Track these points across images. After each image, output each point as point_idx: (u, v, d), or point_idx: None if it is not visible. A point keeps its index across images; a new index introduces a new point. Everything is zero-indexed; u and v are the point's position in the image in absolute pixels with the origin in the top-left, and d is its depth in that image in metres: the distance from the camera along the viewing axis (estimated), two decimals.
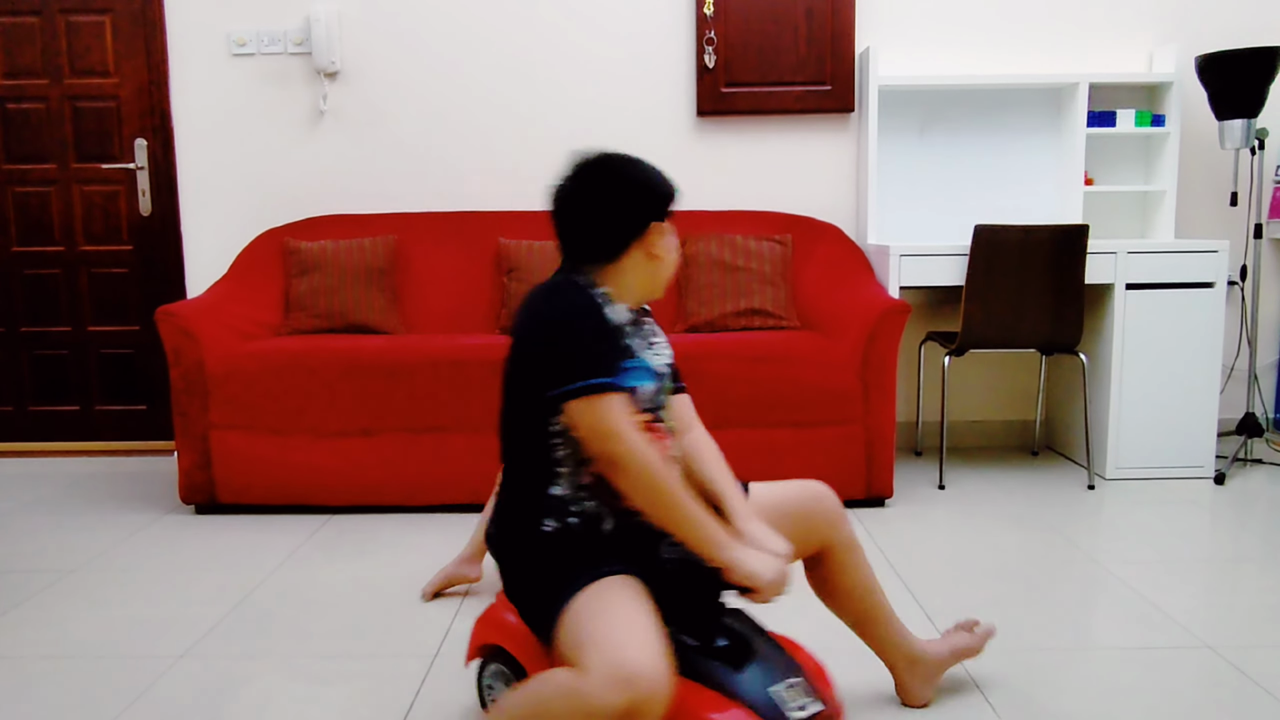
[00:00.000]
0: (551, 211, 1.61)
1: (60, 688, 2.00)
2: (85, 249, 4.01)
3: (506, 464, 1.61)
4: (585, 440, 1.46)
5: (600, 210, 1.56)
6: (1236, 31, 3.81)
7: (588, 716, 1.30)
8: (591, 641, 1.36)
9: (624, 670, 1.30)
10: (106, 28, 3.88)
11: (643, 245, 1.59)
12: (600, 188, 1.56)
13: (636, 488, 1.45)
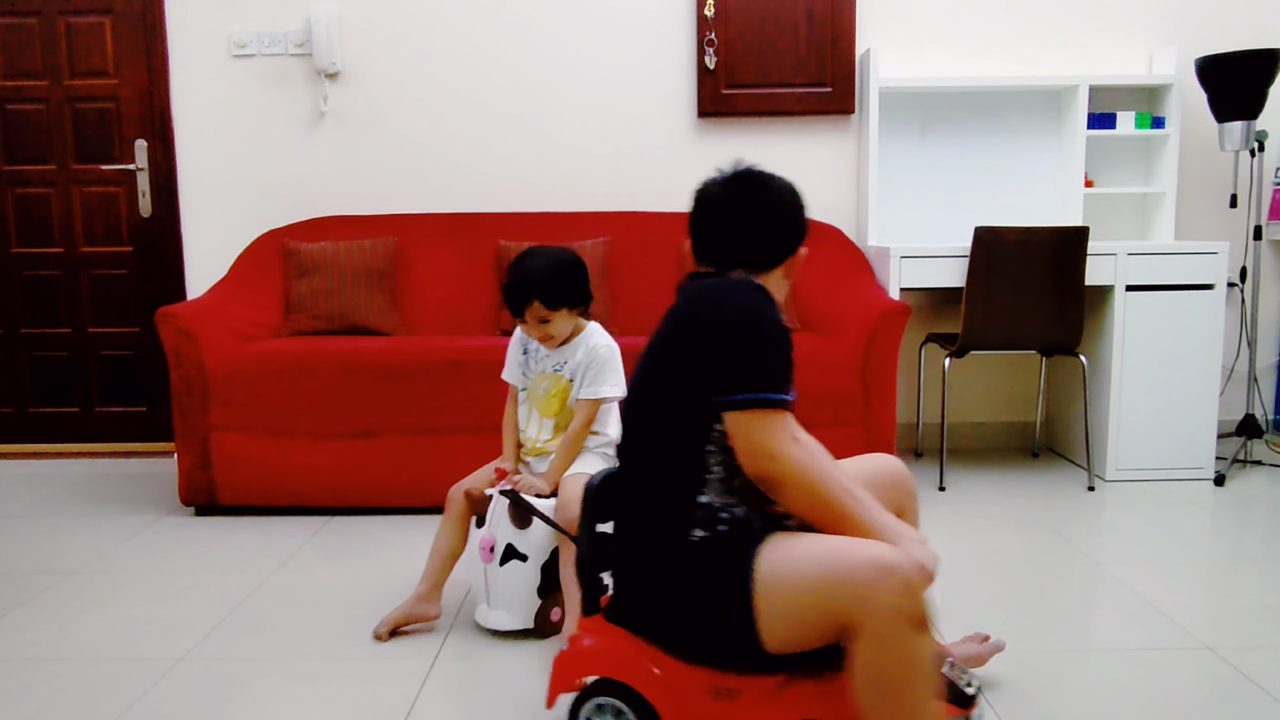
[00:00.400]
0: (714, 212, 1.60)
1: (60, 690, 2.00)
2: (85, 250, 4.01)
3: (637, 470, 1.52)
4: (743, 454, 1.40)
5: (775, 221, 1.58)
6: (1236, 33, 3.81)
7: (906, 622, 1.31)
8: (823, 585, 1.34)
9: (880, 565, 1.32)
10: (106, 29, 3.88)
11: (791, 263, 1.61)
12: (778, 199, 1.59)
13: (798, 504, 1.41)
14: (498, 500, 2.21)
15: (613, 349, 2.28)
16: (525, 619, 2.21)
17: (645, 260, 3.72)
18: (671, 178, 3.90)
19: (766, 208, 1.58)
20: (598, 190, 3.91)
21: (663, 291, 3.67)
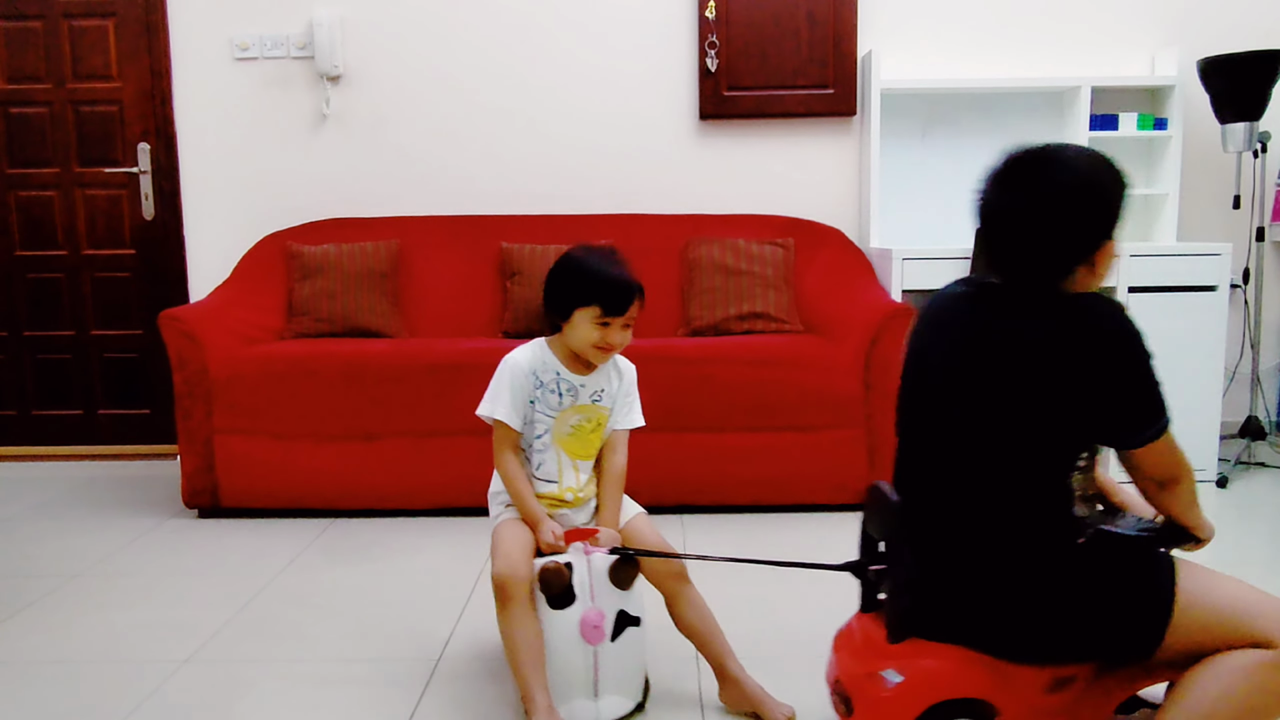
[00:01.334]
0: (1009, 219, 1.46)
1: (65, 692, 2.00)
2: (88, 253, 4.01)
3: (987, 508, 1.46)
4: (1150, 469, 1.53)
5: (1065, 218, 1.42)
6: (1238, 35, 3.81)
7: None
8: (1252, 603, 1.46)
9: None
10: (109, 32, 3.89)
11: (1098, 258, 1.45)
12: (1063, 190, 1.43)
13: (1182, 499, 1.58)
14: (591, 567, 1.82)
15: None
16: (637, 693, 1.89)
17: (647, 262, 3.71)
18: (673, 180, 3.91)
19: (1052, 202, 1.41)
20: (599, 193, 3.91)
21: (663, 293, 3.67)
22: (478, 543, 2.89)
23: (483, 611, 2.38)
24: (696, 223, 3.75)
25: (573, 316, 1.86)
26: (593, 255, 1.93)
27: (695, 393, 3.08)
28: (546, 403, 1.91)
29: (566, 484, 1.93)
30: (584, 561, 1.81)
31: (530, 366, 1.90)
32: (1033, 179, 1.46)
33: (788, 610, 2.37)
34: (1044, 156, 1.47)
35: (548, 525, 1.85)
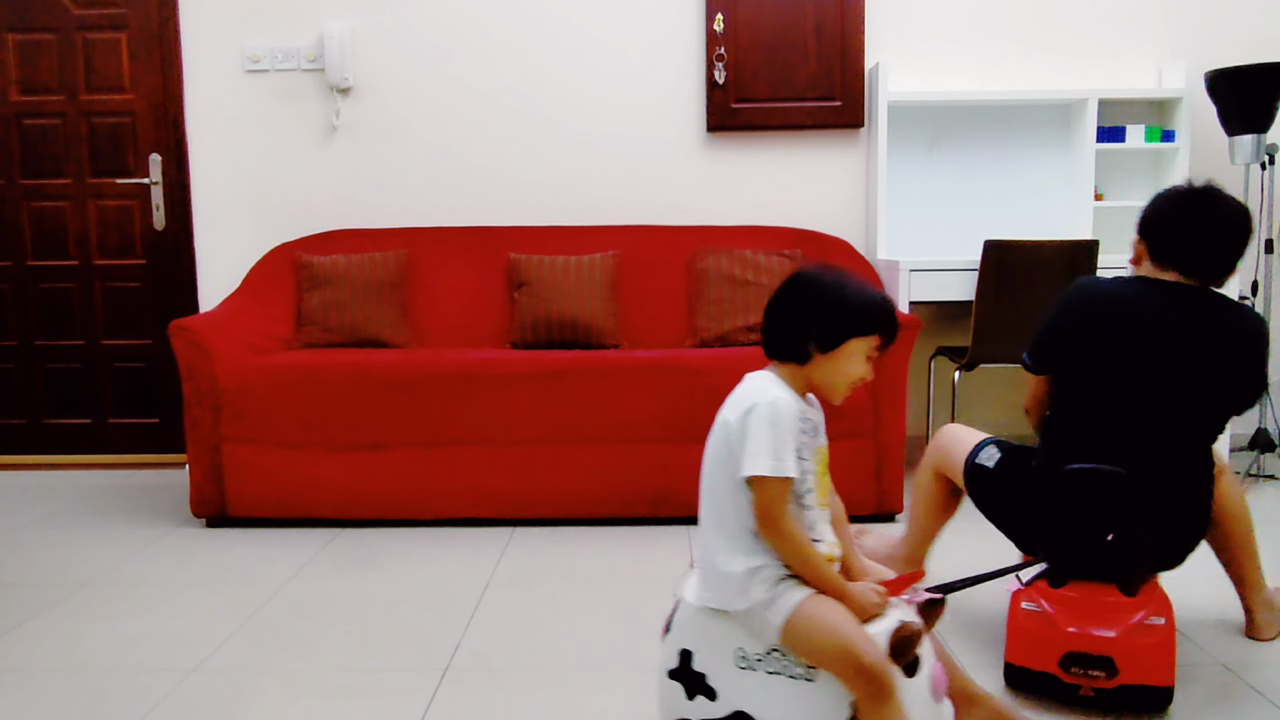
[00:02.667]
0: (1213, 235, 1.92)
1: (72, 701, 2.00)
2: (99, 263, 4.04)
3: (1197, 464, 1.95)
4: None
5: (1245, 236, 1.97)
6: (1246, 47, 3.81)
7: None
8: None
9: None
10: (122, 44, 3.92)
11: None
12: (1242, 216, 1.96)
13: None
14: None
15: None
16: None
17: (654, 274, 3.73)
18: (681, 191, 3.92)
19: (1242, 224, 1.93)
20: (607, 204, 3.93)
21: (670, 304, 3.68)
22: (485, 553, 2.90)
23: (490, 622, 2.38)
24: (704, 234, 3.76)
25: (844, 347, 1.59)
26: (854, 279, 1.62)
27: (703, 404, 3.08)
28: (807, 448, 1.61)
29: (827, 539, 1.61)
30: (913, 614, 1.56)
31: (796, 406, 1.59)
32: (1225, 206, 1.93)
33: None
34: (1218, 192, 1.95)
35: (864, 588, 1.53)
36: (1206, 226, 1.91)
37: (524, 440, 3.11)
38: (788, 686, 1.48)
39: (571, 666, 2.13)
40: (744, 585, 1.50)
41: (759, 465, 1.50)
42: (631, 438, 3.10)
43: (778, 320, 1.62)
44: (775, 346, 1.63)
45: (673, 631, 1.59)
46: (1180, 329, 1.87)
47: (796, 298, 1.61)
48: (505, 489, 3.12)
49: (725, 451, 1.56)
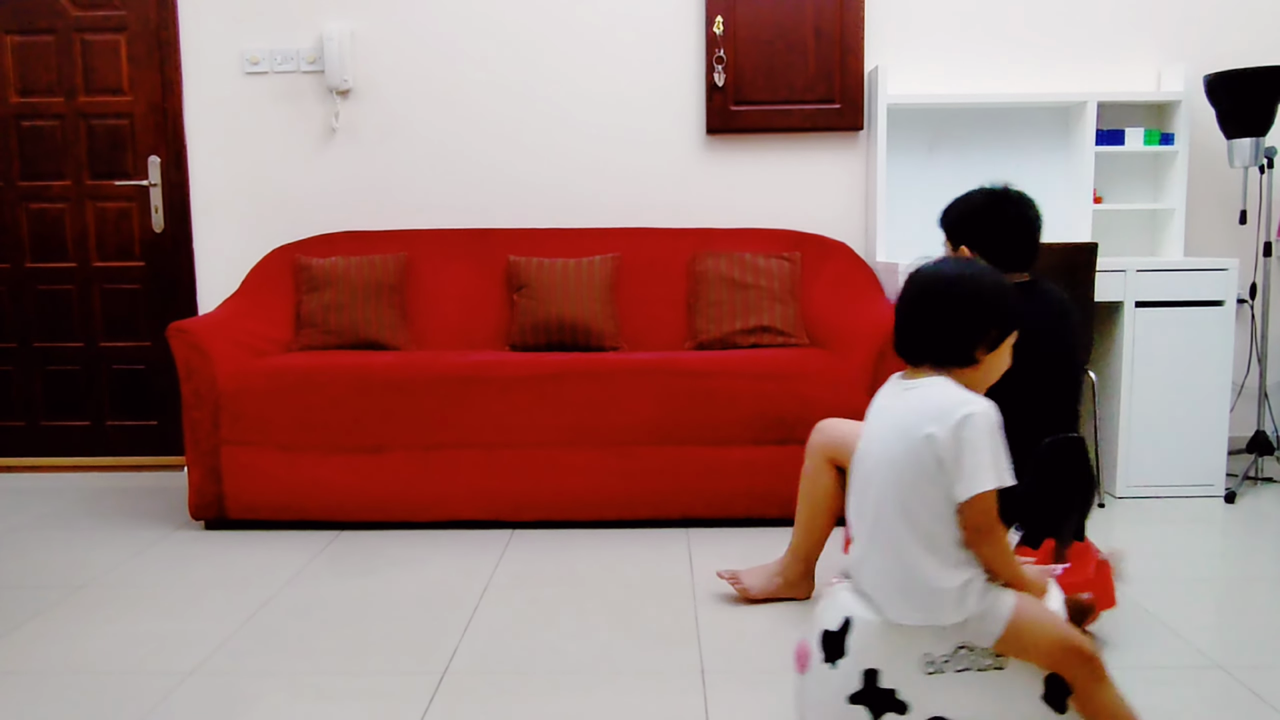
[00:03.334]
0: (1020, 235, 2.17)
1: (70, 703, 2.00)
2: (98, 265, 4.04)
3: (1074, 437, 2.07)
4: None
5: None
6: (1245, 50, 3.82)
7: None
8: None
9: None
10: (121, 46, 3.92)
11: None
12: None
13: None
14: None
15: None
16: None
17: (653, 277, 3.73)
18: (680, 194, 3.92)
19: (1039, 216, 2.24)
20: (607, 206, 3.93)
21: (669, 306, 3.68)
22: (484, 556, 2.90)
23: (489, 625, 2.38)
24: (703, 236, 3.76)
25: (1004, 345, 1.58)
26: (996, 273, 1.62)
27: (701, 406, 3.09)
28: None
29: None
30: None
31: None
32: (1025, 206, 2.20)
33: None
34: (1016, 193, 2.20)
35: (1036, 572, 1.57)
36: (1020, 225, 2.17)
37: (523, 443, 3.11)
38: (980, 680, 1.49)
39: (570, 670, 2.13)
40: (960, 599, 1.47)
41: (987, 479, 1.45)
42: (631, 440, 3.10)
43: (943, 325, 1.56)
44: (940, 352, 1.56)
45: (850, 655, 1.52)
46: (1050, 313, 2.16)
47: (965, 302, 1.55)
48: (504, 491, 3.12)
49: (933, 468, 1.47)
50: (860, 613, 1.53)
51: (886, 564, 1.51)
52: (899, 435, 1.51)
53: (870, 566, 1.53)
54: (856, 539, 1.58)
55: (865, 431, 1.61)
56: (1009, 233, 2.17)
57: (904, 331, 1.60)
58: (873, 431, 1.59)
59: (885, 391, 1.63)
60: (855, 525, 1.59)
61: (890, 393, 1.61)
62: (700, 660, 2.17)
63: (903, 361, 1.61)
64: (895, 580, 1.50)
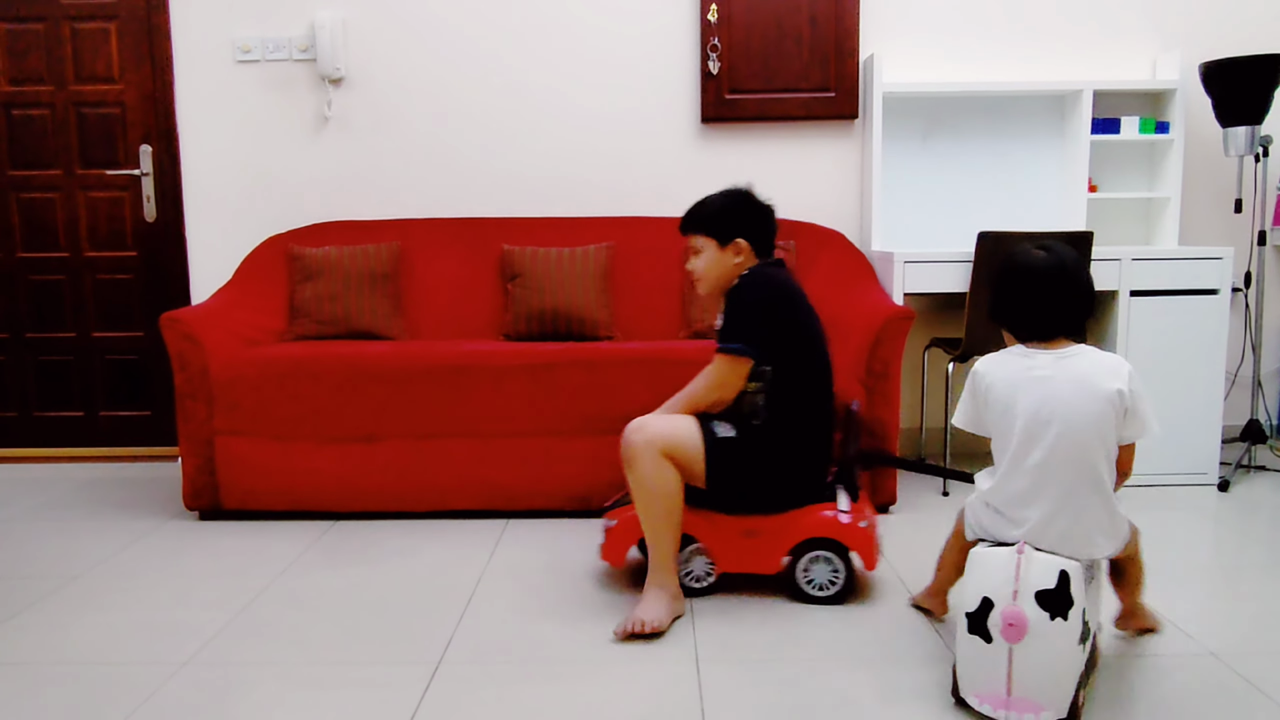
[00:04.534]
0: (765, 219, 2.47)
1: (64, 694, 2.00)
2: (90, 255, 4.02)
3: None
4: None
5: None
6: (1241, 39, 3.81)
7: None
8: None
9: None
10: (111, 34, 3.90)
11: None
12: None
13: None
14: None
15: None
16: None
17: (647, 265, 3.72)
18: (674, 183, 3.91)
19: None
20: (601, 195, 3.92)
21: (664, 295, 3.67)
22: (479, 546, 2.90)
23: (484, 614, 2.38)
24: None
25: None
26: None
27: None
28: None
29: None
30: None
31: None
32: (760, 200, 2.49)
33: None
34: (750, 192, 2.50)
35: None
36: (771, 218, 2.47)
37: (518, 432, 3.10)
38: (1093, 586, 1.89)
39: (565, 659, 2.13)
40: (1124, 525, 1.92)
41: (1154, 425, 1.87)
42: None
43: (1081, 302, 1.86)
44: (1077, 324, 1.87)
45: (1076, 603, 1.74)
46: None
47: (1088, 282, 1.87)
48: (499, 481, 3.12)
49: (1120, 418, 1.82)
50: (1068, 564, 1.75)
51: (1089, 510, 1.81)
52: (1090, 395, 1.79)
53: (1064, 518, 1.81)
54: (1039, 500, 1.82)
55: (1029, 403, 1.82)
56: (766, 228, 2.49)
57: (1041, 309, 1.85)
58: (1049, 398, 1.81)
59: (1031, 365, 1.85)
60: (1039, 488, 1.82)
61: (1042, 364, 1.84)
62: (694, 648, 2.17)
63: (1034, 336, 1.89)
64: (1100, 522, 1.83)
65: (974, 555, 1.85)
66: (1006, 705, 1.79)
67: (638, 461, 2.27)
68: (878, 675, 2.03)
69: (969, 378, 1.95)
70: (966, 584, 1.84)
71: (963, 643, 1.83)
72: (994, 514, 1.91)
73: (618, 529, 2.46)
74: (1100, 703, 1.90)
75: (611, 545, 2.47)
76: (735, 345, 2.30)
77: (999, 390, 1.87)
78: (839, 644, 2.19)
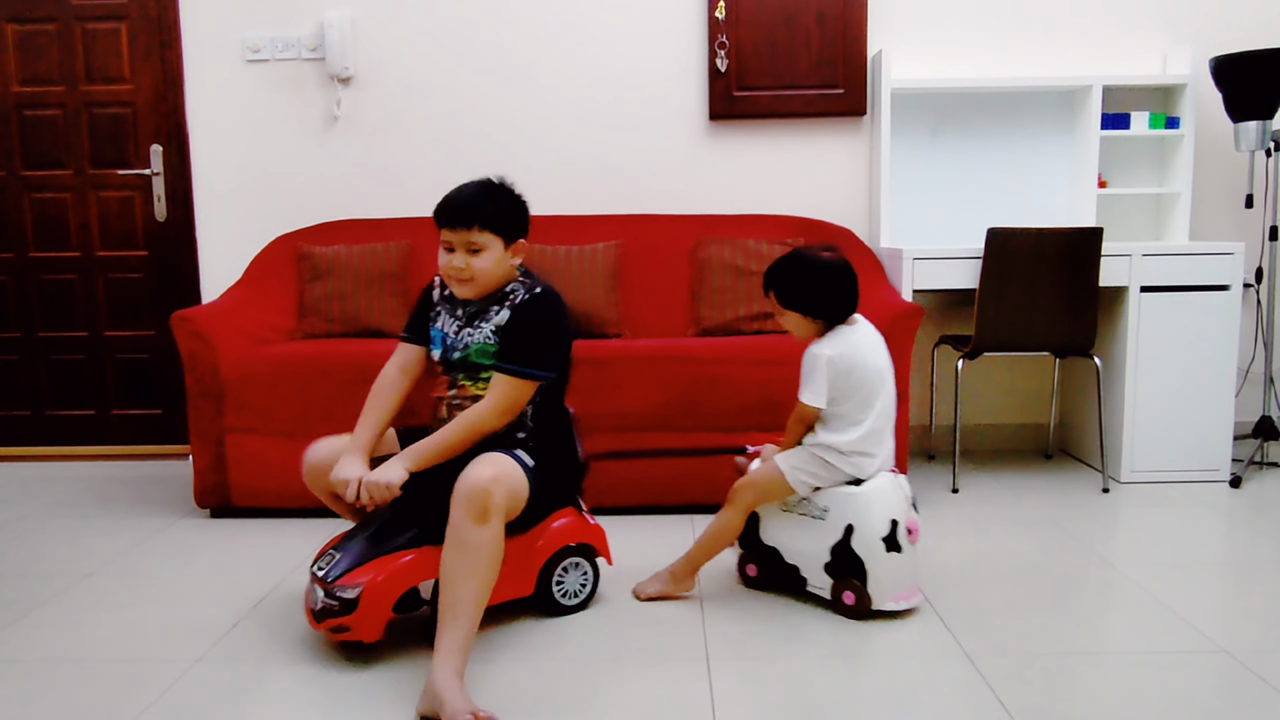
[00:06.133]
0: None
1: (76, 691, 2.01)
2: (101, 254, 4.04)
3: None
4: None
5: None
6: (1251, 33, 3.79)
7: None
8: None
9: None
10: (122, 35, 3.91)
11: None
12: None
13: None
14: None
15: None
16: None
17: (656, 263, 3.72)
18: (683, 180, 3.91)
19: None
20: (609, 193, 3.92)
21: (673, 293, 3.67)
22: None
23: (493, 612, 2.39)
24: (707, 223, 3.75)
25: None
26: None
27: (706, 393, 3.08)
28: None
29: None
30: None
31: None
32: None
33: None
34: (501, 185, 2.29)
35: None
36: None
37: None
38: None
39: (573, 655, 2.14)
40: None
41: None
42: (634, 427, 3.10)
43: (856, 288, 2.35)
44: (856, 306, 2.36)
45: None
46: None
47: (817, 281, 2.33)
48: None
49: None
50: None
51: (889, 440, 2.36)
52: (882, 352, 2.34)
53: (890, 445, 2.36)
54: (884, 437, 2.33)
55: (865, 356, 2.29)
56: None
57: (849, 296, 2.32)
58: (871, 355, 2.31)
59: (853, 339, 2.31)
60: (884, 427, 2.33)
61: (855, 336, 2.32)
62: (705, 646, 2.17)
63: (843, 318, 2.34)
64: (891, 449, 2.37)
65: (868, 492, 2.27)
66: (910, 595, 2.32)
67: (495, 518, 1.96)
68: (889, 673, 2.03)
69: (818, 362, 2.26)
70: (872, 515, 2.25)
71: (881, 563, 2.25)
72: (852, 457, 2.29)
73: (380, 588, 2.04)
74: (1112, 700, 1.89)
75: (371, 617, 2.05)
76: (531, 370, 2.11)
77: (841, 363, 2.26)
78: (850, 642, 2.19)
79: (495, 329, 2.16)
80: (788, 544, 2.40)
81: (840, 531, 2.28)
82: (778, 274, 2.34)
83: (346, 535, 2.16)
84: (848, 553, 2.27)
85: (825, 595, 2.36)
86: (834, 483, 2.32)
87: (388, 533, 2.12)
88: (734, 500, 2.40)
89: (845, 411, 2.29)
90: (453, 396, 2.22)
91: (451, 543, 1.93)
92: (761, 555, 2.47)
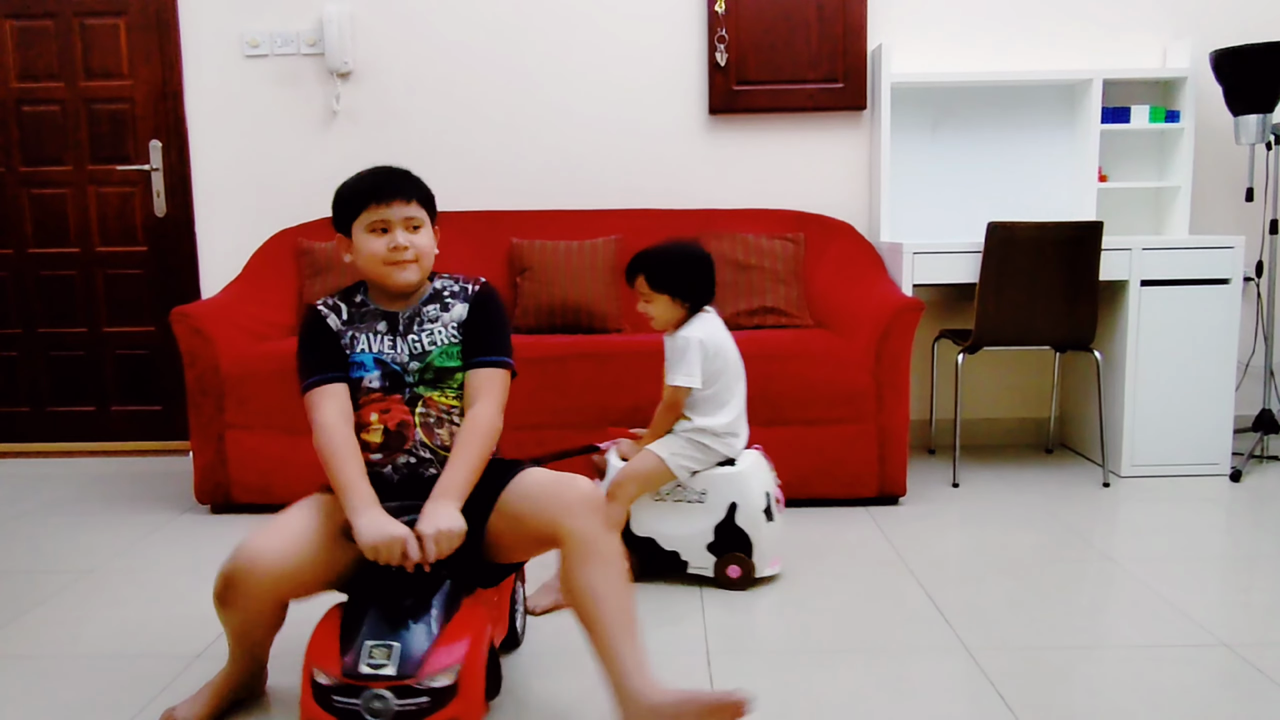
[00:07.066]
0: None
1: (77, 687, 2.01)
2: (101, 250, 4.03)
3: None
4: None
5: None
6: (1252, 26, 3.79)
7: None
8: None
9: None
10: (121, 30, 3.91)
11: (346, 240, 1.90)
12: None
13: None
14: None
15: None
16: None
17: None
18: (682, 175, 3.90)
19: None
20: (609, 188, 3.91)
21: None
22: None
23: None
24: (706, 217, 3.75)
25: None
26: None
27: None
28: None
29: None
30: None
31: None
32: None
33: None
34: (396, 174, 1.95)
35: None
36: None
37: (527, 425, 3.11)
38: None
39: (576, 650, 2.14)
40: None
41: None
42: (636, 422, 3.09)
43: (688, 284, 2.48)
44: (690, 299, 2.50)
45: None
46: None
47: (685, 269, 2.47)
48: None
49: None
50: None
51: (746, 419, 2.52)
52: (732, 339, 2.47)
53: (746, 425, 2.52)
54: (744, 413, 2.50)
55: (725, 340, 2.45)
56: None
57: (712, 284, 2.48)
58: (728, 339, 2.47)
59: (715, 324, 2.46)
60: (743, 404, 2.49)
61: (715, 317, 2.49)
62: (705, 640, 2.17)
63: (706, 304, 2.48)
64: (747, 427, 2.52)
65: (746, 470, 2.43)
66: (777, 560, 2.52)
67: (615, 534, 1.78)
68: (890, 667, 2.03)
69: (690, 344, 2.37)
70: (751, 490, 2.40)
71: (764, 533, 2.43)
72: (725, 438, 2.43)
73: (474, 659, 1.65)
74: (1112, 694, 1.90)
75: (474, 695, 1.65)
76: (510, 361, 1.94)
77: (710, 345, 2.39)
78: (851, 636, 2.19)
79: (458, 326, 1.90)
80: (665, 531, 2.47)
81: (724, 511, 2.43)
82: (649, 260, 2.43)
83: (350, 617, 1.70)
84: (732, 529, 2.42)
85: (708, 574, 2.47)
86: (709, 465, 2.44)
87: (404, 593, 1.69)
88: (616, 495, 2.40)
89: (715, 393, 2.42)
90: (424, 415, 1.86)
91: (596, 560, 1.70)
92: (636, 547, 2.49)
